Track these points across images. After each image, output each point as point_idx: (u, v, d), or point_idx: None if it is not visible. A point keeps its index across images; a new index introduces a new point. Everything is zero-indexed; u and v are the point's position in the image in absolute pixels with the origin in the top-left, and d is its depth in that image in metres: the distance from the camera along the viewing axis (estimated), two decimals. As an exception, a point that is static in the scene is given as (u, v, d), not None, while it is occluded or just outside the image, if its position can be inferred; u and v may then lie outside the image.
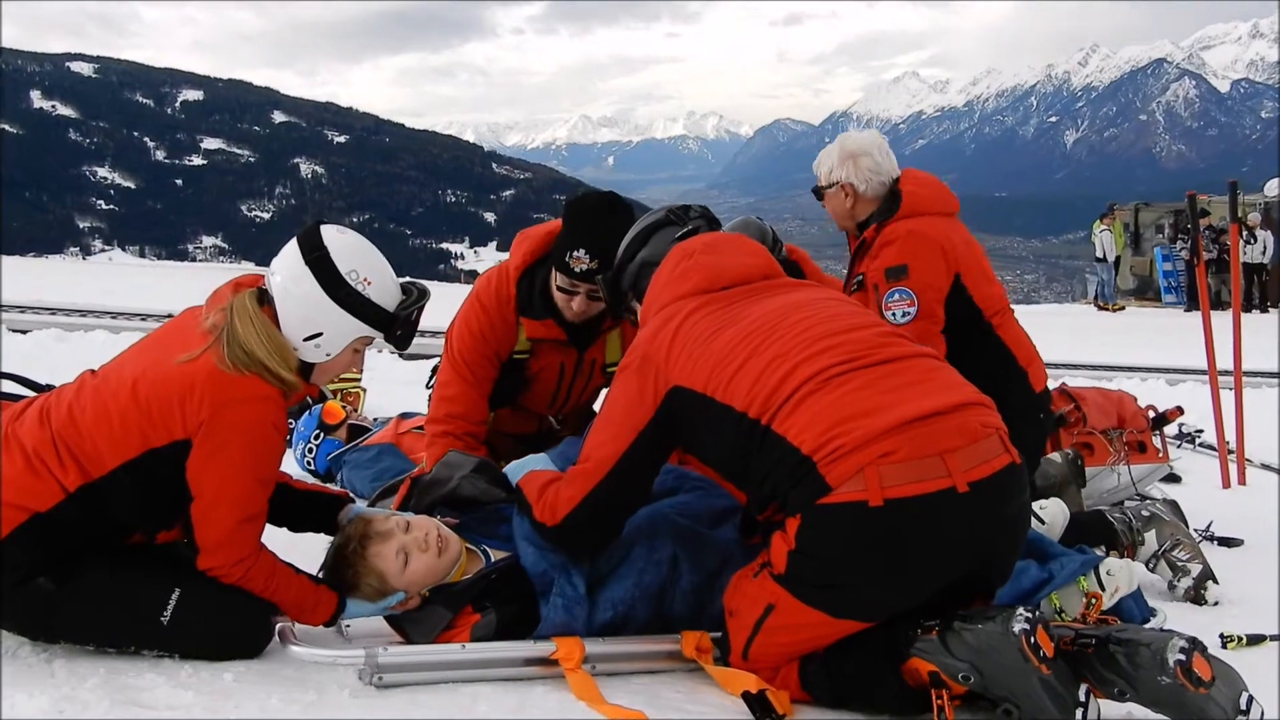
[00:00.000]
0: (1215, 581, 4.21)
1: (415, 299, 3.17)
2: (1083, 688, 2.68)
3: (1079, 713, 2.63)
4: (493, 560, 3.41)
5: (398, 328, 3.14)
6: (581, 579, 3.23)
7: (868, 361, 2.82)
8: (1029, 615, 2.62)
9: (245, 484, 2.97)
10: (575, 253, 4.04)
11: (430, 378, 4.82)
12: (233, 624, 3.04)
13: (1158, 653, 2.62)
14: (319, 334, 3.06)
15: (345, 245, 3.08)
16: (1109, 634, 2.74)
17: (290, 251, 3.08)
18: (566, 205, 4.25)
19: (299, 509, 3.46)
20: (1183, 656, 2.58)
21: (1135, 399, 5.94)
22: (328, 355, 3.10)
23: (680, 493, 3.64)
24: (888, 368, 2.83)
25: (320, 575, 3.27)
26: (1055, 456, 4.83)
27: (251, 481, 2.99)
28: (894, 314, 4.30)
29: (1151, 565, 4.28)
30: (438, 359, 4.75)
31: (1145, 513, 4.40)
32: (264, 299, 3.08)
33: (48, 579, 2.88)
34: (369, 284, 3.06)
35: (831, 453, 2.65)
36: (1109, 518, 4.36)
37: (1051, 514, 4.12)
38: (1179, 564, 4.25)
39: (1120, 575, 3.43)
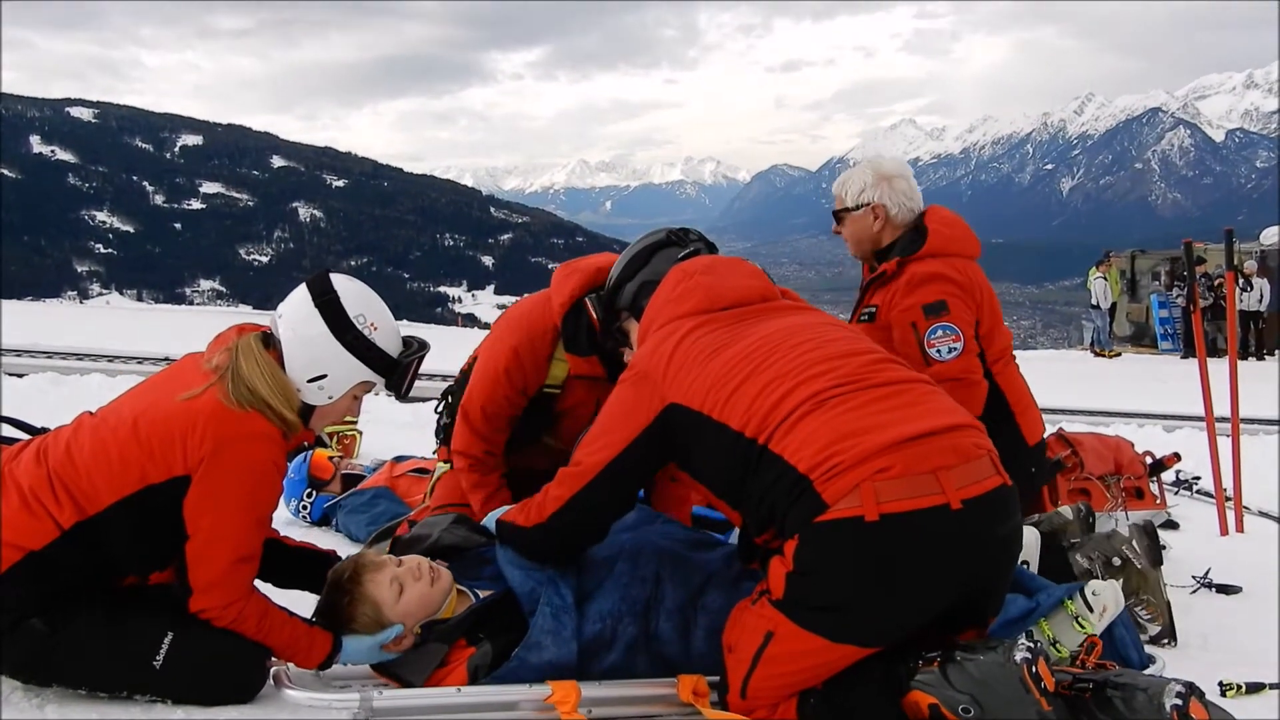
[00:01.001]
0: (1174, 643, 4.16)
1: (417, 349, 3.24)
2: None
3: None
4: (481, 598, 3.43)
5: (400, 374, 3.20)
6: (569, 590, 3.27)
7: (864, 384, 2.87)
8: (1030, 645, 2.64)
9: (243, 523, 2.98)
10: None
11: (439, 403, 4.64)
12: (226, 668, 3.02)
13: (1154, 697, 2.61)
14: (323, 375, 3.10)
15: (353, 291, 3.15)
16: (1106, 678, 2.73)
17: (299, 295, 3.13)
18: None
19: (288, 565, 3.46)
20: (1179, 701, 2.58)
21: (1132, 445, 5.94)
22: (330, 398, 3.14)
23: (660, 522, 3.74)
24: (883, 390, 2.87)
25: (314, 620, 3.26)
26: (1066, 510, 4.76)
27: (249, 520, 2.99)
28: (939, 350, 4.22)
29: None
30: (434, 399, 4.71)
31: (1116, 561, 4.35)
32: (269, 342, 3.12)
33: (41, 620, 2.87)
34: (375, 329, 3.12)
35: (828, 470, 2.68)
36: (1070, 560, 4.30)
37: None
38: (1139, 621, 4.20)
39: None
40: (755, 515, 2.90)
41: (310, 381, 3.10)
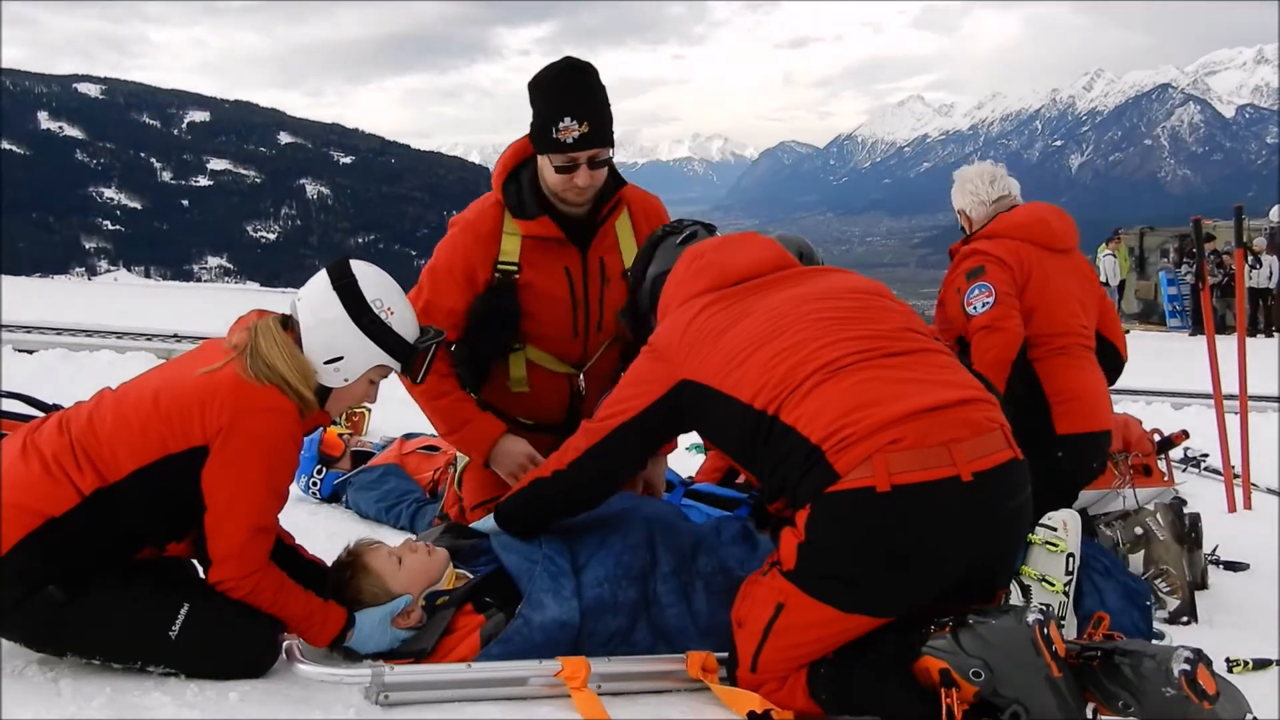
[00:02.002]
0: (1195, 620, 4.20)
1: (433, 335, 3.31)
2: (1089, 706, 2.68)
3: None
4: (481, 575, 3.52)
5: (415, 359, 3.25)
6: (565, 562, 3.33)
7: (877, 354, 2.86)
8: (1042, 608, 2.69)
9: (259, 494, 3.02)
10: (561, 124, 3.65)
11: None
12: (240, 641, 3.05)
13: (1162, 663, 2.62)
14: (340, 358, 3.15)
15: (372, 276, 3.21)
16: (1115, 647, 2.75)
17: (319, 279, 3.21)
18: (530, 85, 3.81)
19: (301, 575, 3.47)
20: (1187, 667, 2.59)
21: (1140, 422, 5.93)
22: (345, 380, 3.19)
23: (646, 501, 3.82)
24: (897, 360, 2.87)
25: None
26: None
27: (265, 492, 3.03)
28: (974, 306, 4.49)
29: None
30: None
31: (1138, 530, 4.38)
32: (287, 324, 3.18)
33: (58, 588, 2.89)
34: (391, 314, 3.17)
35: (840, 441, 2.70)
36: (1096, 531, 4.36)
37: (1060, 520, 4.01)
38: (1159, 594, 4.23)
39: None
40: (768, 485, 2.93)
41: (327, 363, 3.14)
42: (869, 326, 2.97)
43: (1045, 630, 2.63)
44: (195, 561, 3.18)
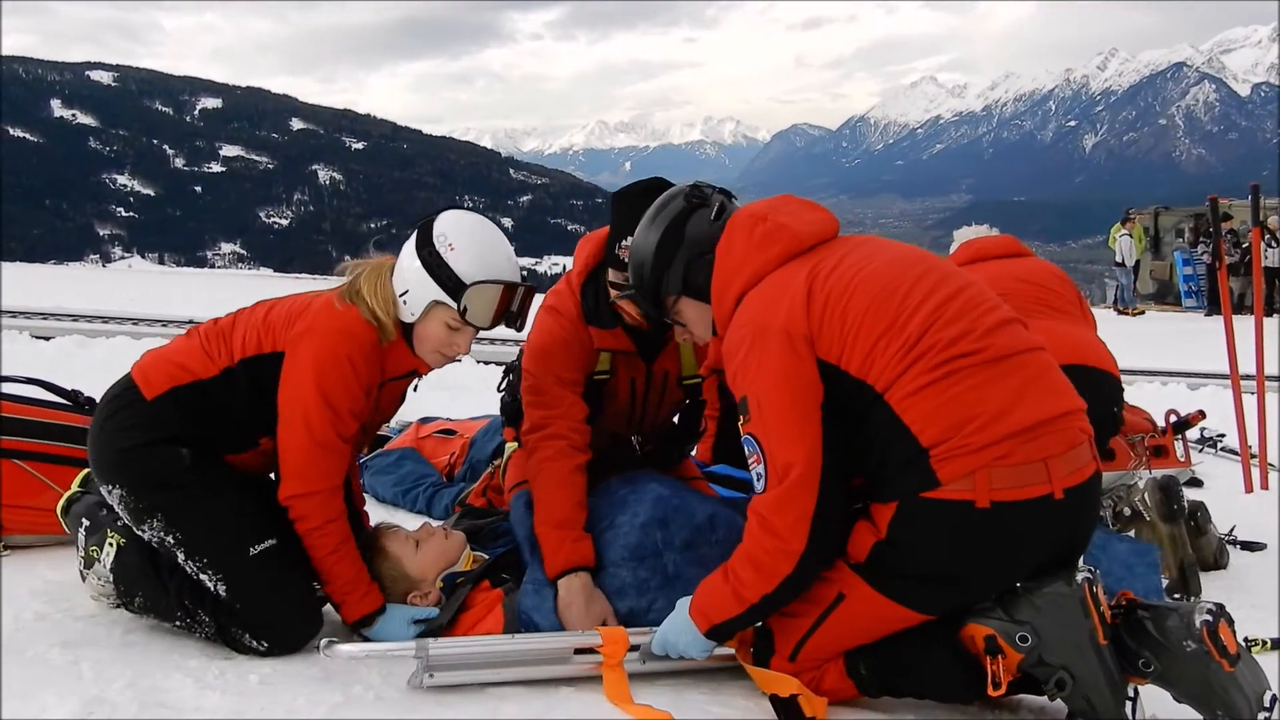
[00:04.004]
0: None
1: (502, 282, 3.23)
2: (1130, 686, 2.67)
3: (1129, 707, 2.64)
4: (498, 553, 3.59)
5: (466, 299, 3.19)
6: None
7: (988, 356, 2.72)
8: (1090, 569, 2.66)
9: (313, 405, 3.16)
10: (624, 243, 3.44)
11: (502, 379, 4.50)
12: (296, 596, 3.21)
13: (1185, 615, 2.62)
14: (406, 291, 3.26)
15: (451, 217, 3.31)
16: (1137, 603, 2.74)
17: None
18: (614, 196, 3.69)
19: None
20: (1209, 618, 2.57)
21: (1138, 408, 5.94)
22: (413, 315, 3.27)
23: (655, 479, 3.73)
24: (1006, 365, 2.73)
25: None
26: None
27: (320, 404, 3.16)
28: None
29: None
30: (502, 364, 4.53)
31: (1127, 511, 4.36)
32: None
33: (190, 452, 3.19)
34: (452, 249, 3.21)
35: (950, 449, 2.63)
36: None
37: None
38: None
39: None
40: (855, 463, 2.77)
41: (400, 295, 3.27)
42: (972, 321, 2.77)
43: (1094, 589, 2.62)
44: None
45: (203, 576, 3.14)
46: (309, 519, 3.19)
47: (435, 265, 3.19)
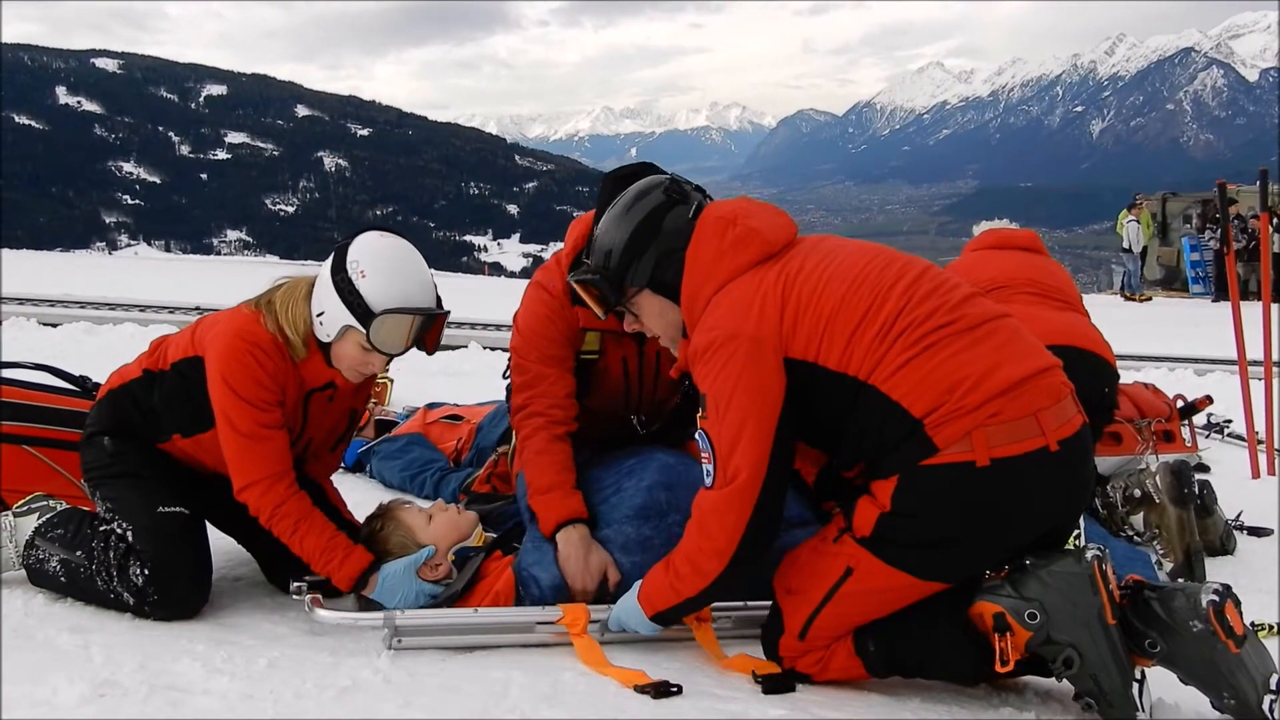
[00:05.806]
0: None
1: (412, 311, 3.26)
2: (1137, 669, 2.69)
3: (1136, 689, 2.65)
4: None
5: (375, 327, 3.22)
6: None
7: (962, 325, 2.79)
8: (1099, 547, 2.69)
9: (227, 398, 3.30)
10: None
11: (507, 366, 4.50)
12: (183, 557, 3.34)
13: (1191, 596, 2.63)
14: (323, 312, 3.33)
15: (366, 241, 3.34)
16: (1144, 585, 2.75)
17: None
18: (603, 178, 3.64)
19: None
20: (1216, 599, 2.59)
21: (1148, 386, 5.95)
22: (328, 336, 3.33)
23: (660, 450, 3.79)
24: (979, 332, 2.79)
25: None
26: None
27: (230, 396, 3.29)
28: None
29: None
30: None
31: (1137, 493, 4.38)
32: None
33: (111, 441, 3.50)
34: (363, 276, 3.24)
35: (943, 416, 2.68)
36: (1103, 490, 4.38)
37: None
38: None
39: None
40: (848, 453, 2.86)
41: (317, 315, 3.35)
42: (942, 297, 2.85)
43: (1103, 567, 2.64)
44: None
45: (114, 526, 3.35)
46: (261, 509, 3.32)
47: (347, 291, 3.25)
